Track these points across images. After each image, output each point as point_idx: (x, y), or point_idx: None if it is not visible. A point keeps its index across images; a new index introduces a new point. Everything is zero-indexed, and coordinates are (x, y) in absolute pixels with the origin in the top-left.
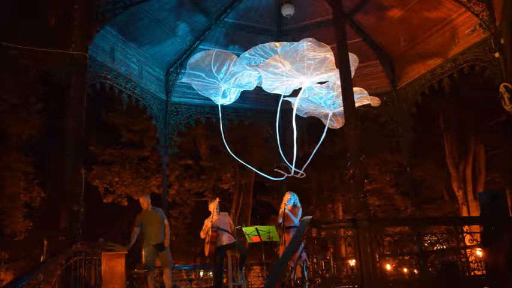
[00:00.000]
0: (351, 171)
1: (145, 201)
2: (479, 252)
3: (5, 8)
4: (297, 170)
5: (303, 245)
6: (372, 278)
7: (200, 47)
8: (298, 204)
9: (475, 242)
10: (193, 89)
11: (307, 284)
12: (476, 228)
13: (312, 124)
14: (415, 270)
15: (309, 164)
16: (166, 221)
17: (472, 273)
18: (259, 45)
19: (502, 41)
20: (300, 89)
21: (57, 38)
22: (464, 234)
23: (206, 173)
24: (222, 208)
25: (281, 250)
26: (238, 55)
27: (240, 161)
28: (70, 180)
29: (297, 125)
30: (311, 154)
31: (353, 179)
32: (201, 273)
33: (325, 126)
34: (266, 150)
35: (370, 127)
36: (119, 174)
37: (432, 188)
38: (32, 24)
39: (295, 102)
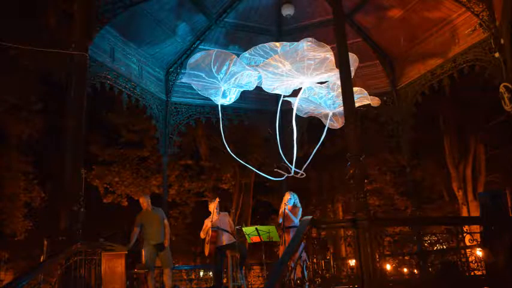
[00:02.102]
0: (351, 171)
1: (145, 201)
2: (479, 252)
3: (5, 8)
4: (297, 170)
5: (303, 245)
6: (372, 278)
7: (200, 47)
8: (298, 204)
9: (475, 242)
10: (193, 89)
11: (307, 284)
12: (476, 228)
13: (312, 124)
14: (415, 270)
15: (309, 164)
16: (166, 221)
17: (472, 273)
18: (259, 45)
19: (502, 41)
20: (300, 89)
21: (57, 38)
22: (464, 234)
23: (206, 173)
24: (222, 208)
25: (281, 250)
26: (238, 55)
27: (240, 161)
28: (70, 180)
29: (297, 125)
30: (311, 154)
31: (353, 179)
32: (201, 273)
33: (325, 126)
34: (266, 150)
35: (370, 127)
36: (119, 174)
37: (432, 188)
38: (32, 24)
39: (295, 102)
